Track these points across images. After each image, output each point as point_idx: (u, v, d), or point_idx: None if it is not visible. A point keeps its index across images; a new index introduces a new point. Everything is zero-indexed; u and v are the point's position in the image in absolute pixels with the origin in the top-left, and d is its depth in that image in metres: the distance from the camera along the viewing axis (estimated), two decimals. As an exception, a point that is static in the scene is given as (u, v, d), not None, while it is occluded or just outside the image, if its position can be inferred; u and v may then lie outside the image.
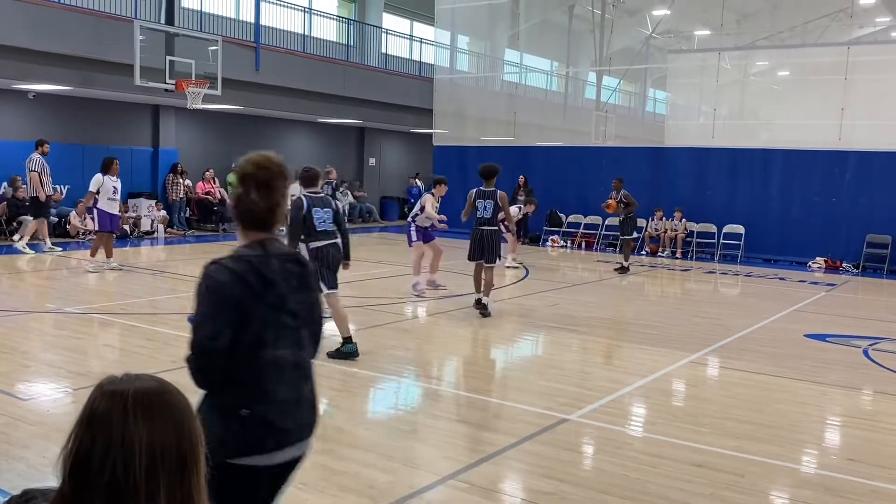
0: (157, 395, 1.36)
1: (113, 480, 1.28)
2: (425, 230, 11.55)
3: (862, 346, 8.81)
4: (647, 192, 18.86)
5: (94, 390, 1.36)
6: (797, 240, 17.26)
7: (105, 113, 18.76)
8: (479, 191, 9.66)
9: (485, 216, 9.59)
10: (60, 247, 14.65)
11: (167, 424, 1.33)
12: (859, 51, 19.39)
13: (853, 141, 17.06)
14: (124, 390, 1.34)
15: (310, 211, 7.18)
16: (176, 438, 1.33)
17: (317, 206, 7.27)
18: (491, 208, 9.55)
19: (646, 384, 6.84)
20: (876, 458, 5.14)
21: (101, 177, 12.26)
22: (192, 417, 1.38)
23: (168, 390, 1.38)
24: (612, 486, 4.44)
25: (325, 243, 7.25)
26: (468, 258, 9.80)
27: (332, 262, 7.32)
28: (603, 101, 27.16)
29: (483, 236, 9.59)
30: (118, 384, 1.35)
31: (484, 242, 9.58)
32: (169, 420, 1.34)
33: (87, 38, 15.43)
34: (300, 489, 4.22)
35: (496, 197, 9.57)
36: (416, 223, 11.49)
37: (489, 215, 9.56)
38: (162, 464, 1.30)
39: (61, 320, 8.57)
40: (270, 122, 22.93)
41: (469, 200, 9.76)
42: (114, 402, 1.32)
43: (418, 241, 11.46)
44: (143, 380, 1.37)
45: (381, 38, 25.25)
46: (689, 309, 11.28)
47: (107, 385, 1.36)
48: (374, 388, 6.56)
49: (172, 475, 1.31)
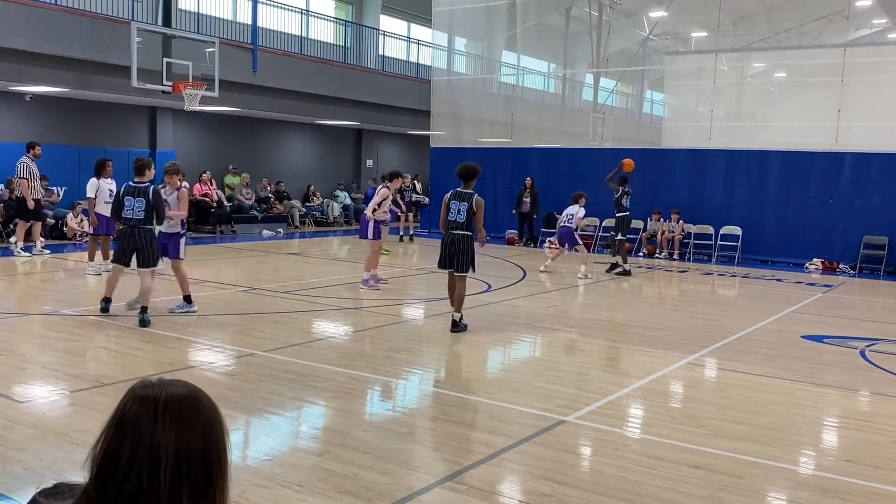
0: (187, 403, 1.35)
1: (138, 485, 1.28)
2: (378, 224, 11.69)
3: (859, 348, 8.82)
4: (645, 193, 18.88)
5: (127, 393, 1.37)
6: (794, 241, 17.29)
7: (102, 115, 18.75)
8: (454, 192, 8.79)
9: (458, 220, 8.66)
10: (49, 249, 14.58)
11: (195, 433, 1.33)
12: (856, 53, 19.44)
13: (850, 142, 17.10)
14: (155, 396, 1.34)
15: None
16: (203, 447, 1.33)
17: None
18: (465, 211, 8.64)
19: (643, 386, 6.84)
20: (873, 459, 5.15)
21: (97, 181, 12.26)
22: (222, 427, 1.38)
23: (199, 398, 1.38)
24: (610, 487, 4.44)
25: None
26: (438, 266, 9.04)
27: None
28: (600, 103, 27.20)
29: (454, 241, 8.71)
30: (150, 389, 1.36)
31: (454, 248, 8.71)
32: (197, 428, 1.34)
33: (83, 40, 15.43)
34: (297, 491, 4.22)
35: (472, 201, 8.66)
36: (375, 218, 11.57)
37: (462, 219, 8.64)
38: (187, 472, 1.30)
39: (57, 322, 8.56)
40: (267, 123, 22.93)
41: (444, 204, 8.85)
42: (144, 407, 1.32)
43: (377, 237, 11.60)
44: (175, 386, 1.37)
45: (379, 40, 25.26)
46: (686, 310, 11.28)
47: (139, 389, 1.36)
48: (371, 389, 6.56)
49: (197, 484, 1.31)
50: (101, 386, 6.04)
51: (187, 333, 8.21)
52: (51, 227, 16.56)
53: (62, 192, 17.24)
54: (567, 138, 23.37)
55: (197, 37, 17.10)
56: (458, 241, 8.69)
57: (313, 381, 6.56)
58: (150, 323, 8.31)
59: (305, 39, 22.33)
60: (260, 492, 4.19)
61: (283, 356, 7.34)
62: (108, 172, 12.40)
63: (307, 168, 24.52)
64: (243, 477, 4.39)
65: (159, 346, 7.54)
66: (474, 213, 8.65)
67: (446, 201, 8.82)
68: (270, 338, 8.10)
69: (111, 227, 12.66)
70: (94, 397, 5.74)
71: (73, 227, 16.70)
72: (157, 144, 20.01)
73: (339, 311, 10.00)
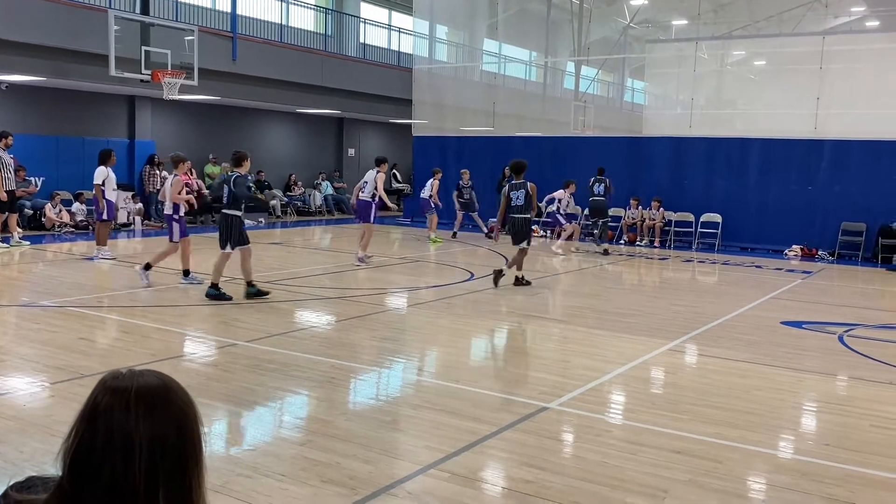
0: (160, 393, 1.33)
1: (112, 477, 1.27)
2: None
3: (837, 333, 8.92)
4: (626, 181, 18.96)
5: (98, 385, 1.34)
6: (774, 228, 17.43)
7: (80, 104, 18.53)
8: (511, 184, 11.29)
9: (518, 205, 11.12)
10: (28, 240, 14.44)
11: (169, 423, 1.31)
12: (834, 40, 19.59)
13: (828, 130, 17.23)
14: (127, 387, 1.32)
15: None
16: (177, 437, 1.32)
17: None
18: (523, 197, 11.10)
19: (625, 372, 6.89)
20: (850, 442, 5.22)
21: (105, 169, 12.65)
22: (195, 417, 1.36)
23: (171, 388, 1.36)
24: (592, 473, 4.48)
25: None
26: (516, 243, 11.08)
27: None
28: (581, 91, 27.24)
29: (522, 222, 11.18)
30: (121, 380, 1.33)
31: (521, 227, 11.18)
32: (171, 419, 1.32)
33: (60, 28, 15.22)
34: (280, 480, 4.22)
35: (527, 187, 11.14)
36: (374, 203, 12.90)
37: (522, 203, 11.10)
38: (162, 462, 1.29)
39: (37, 314, 8.48)
40: (248, 112, 22.77)
41: (504, 196, 11.28)
42: (116, 399, 1.30)
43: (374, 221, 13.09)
44: (147, 376, 1.35)
45: (360, 28, 25.12)
46: (667, 297, 11.36)
47: (110, 381, 1.34)
48: (355, 378, 6.55)
49: (172, 474, 1.30)
50: (81, 377, 6.00)
51: (169, 324, 8.16)
52: (29, 218, 16.39)
53: (40, 182, 17.03)
54: (549, 127, 23.38)
55: (175, 25, 16.91)
56: (523, 222, 11.13)
57: (296, 370, 6.55)
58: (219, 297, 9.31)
59: (286, 27, 22.16)
60: (243, 481, 4.18)
61: (266, 346, 7.32)
62: (112, 161, 12.84)
63: (288, 157, 24.37)
64: (226, 467, 4.39)
65: (140, 337, 7.50)
66: (531, 197, 11.13)
67: (506, 193, 11.23)
68: (252, 328, 8.07)
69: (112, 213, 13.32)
70: (75, 389, 5.70)
71: (52, 218, 16.53)
72: (136, 134, 19.80)
73: (322, 300, 9.98)
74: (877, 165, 16.54)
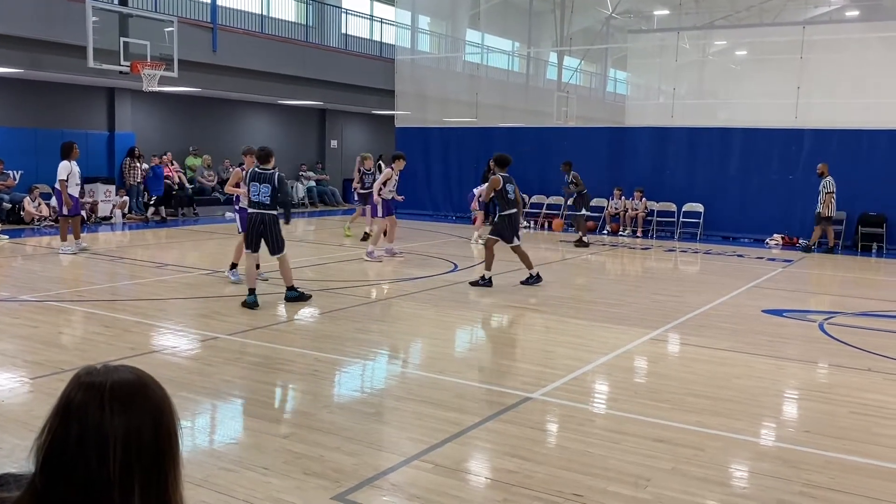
0: (135, 389, 1.32)
1: (87, 474, 1.25)
2: (388, 202, 12.81)
3: (818, 321, 9.00)
4: (608, 171, 19.01)
5: (71, 381, 1.32)
6: (755, 217, 17.54)
7: (58, 96, 18.32)
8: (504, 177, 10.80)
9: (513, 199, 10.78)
10: (7, 234, 14.29)
11: (145, 419, 1.30)
12: (814, 30, 19.68)
13: (809, 119, 17.34)
14: (101, 382, 1.30)
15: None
16: (153, 433, 1.30)
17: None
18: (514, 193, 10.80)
19: (607, 361, 6.91)
20: (831, 429, 5.27)
21: (69, 163, 12.42)
22: (171, 412, 1.35)
23: (147, 384, 1.34)
24: (575, 462, 4.49)
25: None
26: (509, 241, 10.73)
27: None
28: (564, 82, 27.24)
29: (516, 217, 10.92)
30: (95, 376, 1.31)
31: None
32: (147, 414, 1.30)
33: (36, 18, 15.02)
34: (263, 474, 4.20)
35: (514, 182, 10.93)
36: (381, 197, 12.58)
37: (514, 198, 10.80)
38: (138, 459, 1.27)
39: (15, 308, 8.39)
40: (229, 104, 22.61)
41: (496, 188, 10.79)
42: (90, 395, 1.28)
43: (384, 214, 12.76)
44: (122, 372, 1.33)
45: (342, 18, 24.97)
46: (649, 287, 11.40)
47: (84, 376, 1.32)
48: (338, 370, 6.54)
49: (148, 471, 1.28)
50: (61, 372, 5.95)
51: (149, 318, 8.10)
52: (7, 212, 16.21)
53: (19, 175, 16.86)
54: (531, 117, 23.38)
55: (155, 16, 16.74)
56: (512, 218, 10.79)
57: (278, 363, 6.53)
58: (300, 298, 9.06)
59: (266, 18, 21.98)
60: (225, 475, 4.16)
61: (248, 339, 7.29)
62: (75, 154, 12.57)
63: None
64: (208, 461, 4.36)
65: (120, 331, 7.44)
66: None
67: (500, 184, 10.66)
68: (235, 321, 8.03)
69: (79, 208, 13.04)
70: (54, 384, 5.65)
71: (31, 212, 16.36)
72: (115, 126, 19.62)
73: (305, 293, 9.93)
74: (857, 154, 16.68)
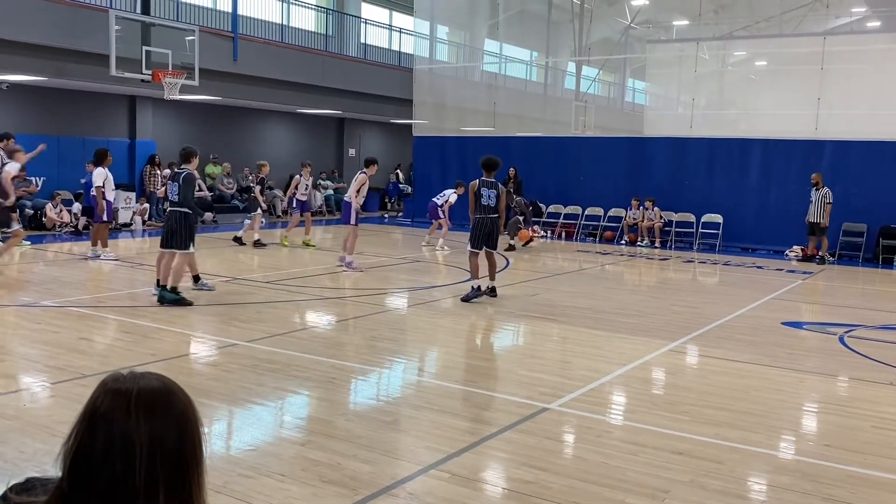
0: (161, 396, 1.33)
1: (112, 480, 1.26)
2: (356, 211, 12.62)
3: (838, 334, 8.91)
4: (626, 181, 18.97)
5: (98, 387, 1.34)
6: (774, 229, 17.42)
7: (81, 104, 18.54)
8: (481, 181, 10.31)
9: (490, 204, 10.25)
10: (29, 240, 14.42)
11: (170, 426, 1.31)
12: (835, 41, 19.57)
13: (829, 131, 17.22)
14: (128, 389, 1.32)
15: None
16: (178, 440, 1.31)
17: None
18: (494, 197, 10.26)
19: (625, 373, 6.88)
20: (851, 443, 5.21)
21: (104, 170, 12.72)
22: (196, 420, 1.36)
23: (172, 390, 1.36)
24: (592, 474, 4.47)
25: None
26: (474, 247, 10.27)
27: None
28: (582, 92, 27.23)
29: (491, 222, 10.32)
30: (122, 382, 1.33)
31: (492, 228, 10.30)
32: (172, 422, 1.32)
33: (61, 27, 15.23)
34: (280, 480, 4.22)
35: (498, 188, 10.32)
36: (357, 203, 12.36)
37: (493, 203, 10.25)
38: (163, 465, 1.29)
39: (38, 314, 8.48)
40: (249, 112, 22.78)
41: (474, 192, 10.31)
42: (117, 401, 1.30)
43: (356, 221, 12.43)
44: (148, 378, 1.35)
45: (360, 28, 25.12)
46: (667, 298, 11.35)
47: (111, 383, 1.34)
48: (355, 378, 6.55)
49: (173, 477, 1.30)
50: (82, 377, 6.00)
51: (169, 324, 8.16)
52: (30, 218, 16.39)
53: (41, 182, 17.04)
54: (549, 127, 23.36)
55: (176, 25, 16.92)
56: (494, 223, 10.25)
57: (296, 370, 6.55)
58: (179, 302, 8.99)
59: (286, 27, 22.16)
60: (243, 482, 4.18)
61: (266, 346, 7.32)
62: (108, 161, 12.89)
63: (289, 157, 24.35)
64: (226, 467, 4.39)
65: (140, 337, 7.50)
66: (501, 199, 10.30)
67: (476, 189, 10.25)
68: (252, 328, 8.07)
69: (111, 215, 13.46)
70: (75, 389, 5.70)
71: (53, 218, 16.53)
72: (136, 134, 19.82)
73: (322, 300, 9.98)
74: (878, 166, 16.53)
